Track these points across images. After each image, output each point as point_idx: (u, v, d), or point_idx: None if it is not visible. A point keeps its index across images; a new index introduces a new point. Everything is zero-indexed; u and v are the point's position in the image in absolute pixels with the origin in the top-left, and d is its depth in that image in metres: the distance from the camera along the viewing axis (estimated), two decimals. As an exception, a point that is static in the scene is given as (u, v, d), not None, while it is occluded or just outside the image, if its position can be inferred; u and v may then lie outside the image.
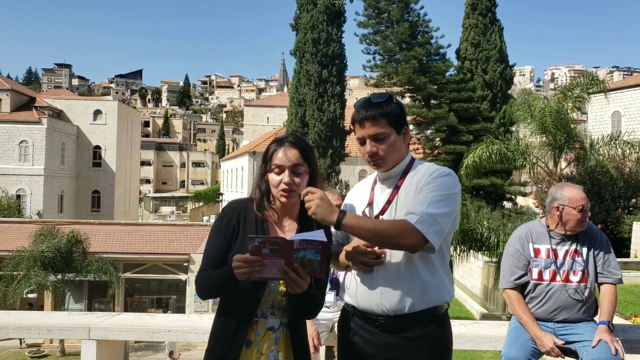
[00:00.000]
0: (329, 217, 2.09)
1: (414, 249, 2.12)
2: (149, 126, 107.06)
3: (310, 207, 2.09)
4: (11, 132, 42.38)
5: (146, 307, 23.66)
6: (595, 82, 18.89)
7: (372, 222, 2.16)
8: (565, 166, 18.91)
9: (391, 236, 2.09)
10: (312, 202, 2.08)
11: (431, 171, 2.25)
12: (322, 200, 2.09)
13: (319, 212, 2.08)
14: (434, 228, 2.10)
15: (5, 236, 22.96)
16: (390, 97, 2.28)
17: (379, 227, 2.11)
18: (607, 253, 3.24)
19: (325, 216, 2.08)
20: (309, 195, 2.10)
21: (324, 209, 2.08)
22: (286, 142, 2.22)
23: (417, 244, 2.10)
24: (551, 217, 3.30)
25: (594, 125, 35.10)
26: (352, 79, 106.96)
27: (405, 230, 2.09)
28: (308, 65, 31.43)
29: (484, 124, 29.68)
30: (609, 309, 3.13)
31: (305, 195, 2.11)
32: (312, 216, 2.09)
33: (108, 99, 70.28)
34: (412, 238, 2.08)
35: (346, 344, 2.36)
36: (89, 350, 3.70)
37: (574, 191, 3.25)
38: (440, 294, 2.24)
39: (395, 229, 2.10)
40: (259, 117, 72.61)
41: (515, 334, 3.22)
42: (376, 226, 2.11)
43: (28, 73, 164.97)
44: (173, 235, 24.44)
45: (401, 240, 2.09)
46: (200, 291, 2.20)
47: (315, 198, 2.09)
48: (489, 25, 31.92)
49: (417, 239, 2.08)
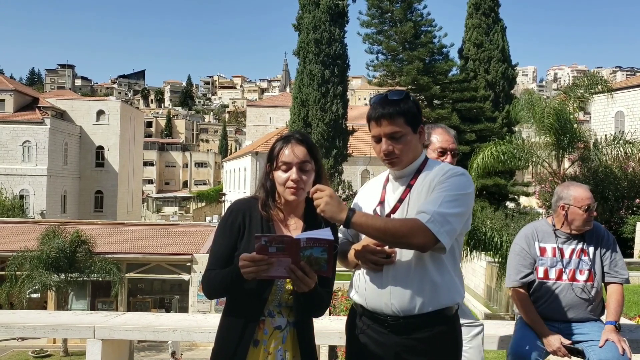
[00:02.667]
0: (338, 215, 2.06)
1: (424, 248, 2.09)
2: (152, 126, 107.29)
3: (319, 204, 2.06)
4: (14, 133, 42.49)
5: (149, 307, 23.69)
6: (598, 82, 18.87)
7: (381, 220, 2.13)
8: (569, 166, 18.87)
9: (401, 235, 2.06)
10: (322, 200, 2.06)
11: (444, 170, 2.22)
12: (332, 197, 2.06)
13: (328, 210, 2.05)
14: (446, 228, 2.06)
15: (8, 236, 23.02)
16: (407, 95, 2.25)
17: (389, 225, 2.08)
18: (614, 253, 3.23)
19: (335, 214, 2.06)
20: (318, 193, 2.08)
21: (333, 207, 2.06)
22: (293, 139, 2.21)
23: (427, 244, 2.06)
24: (557, 216, 3.30)
25: (597, 125, 35.02)
26: (354, 79, 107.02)
27: (416, 229, 2.05)
28: (311, 66, 31.44)
29: (487, 124, 29.69)
30: (616, 309, 3.11)
31: (314, 193, 2.09)
32: (321, 214, 2.07)
33: (111, 99, 70.38)
34: (422, 237, 2.05)
35: (354, 344, 2.33)
36: (94, 349, 3.69)
37: (579, 190, 3.24)
38: (451, 294, 2.20)
39: (405, 227, 2.07)
40: (261, 117, 72.66)
41: (522, 333, 3.20)
42: (386, 225, 2.08)
43: (31, 73, 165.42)
44: (176, 236, 24.48)
45: (411, 239, 2.06)
46: (207, 291, 2.19)
47: (325, 195, 2.06)
48: (492, 25, 31.90)
49: (427, 238, 2.05)
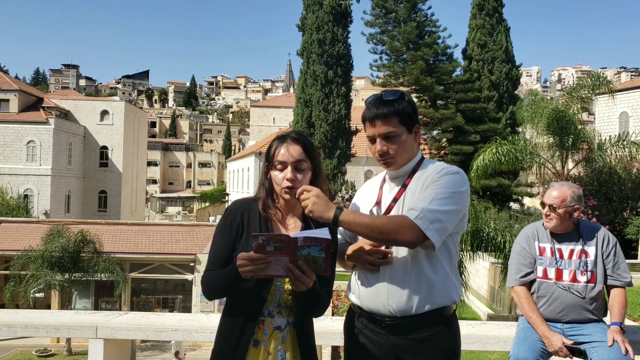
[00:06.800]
0: (325, 214, 2.06)
1: (412, 244, 2.09)
2: (156, 127, 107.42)
3: (306, 205, 2.06)
4: (19, 133, 42.60)
5: (152, 307, 23.71)
6: (602, 82, 18.81)
7: (369, 217, 2.12)
8: (573, 167, 18.82)
9: (388, 231, 2.05)
10: (309, 201, 2.06)
11: (439, 169, 2.21)
12: (318, 197, 2.06)
13: (316, 210, 2.05)
14: (435, 225, 2.05)
15: (13, 236, 23.06)
16: (402, 95, 2.23)
17: (376, 222, 2.07)
18: (617, 255, 3.21)
19: (322, 213, 2.05)
20: (305, 194, 2.07)
21: (321, 207, 2.05)
22: (288, 138, 2.20)
23: (415, 240, 2.05)
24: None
25: (602, 126, 34.91)
26: (358, 79, 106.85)
27: (403, 225, 2.04)
28: (314, 66, 31.43)
29: (491, 125, 29.63)
30: (620, 311, 3.10)
31: (301, 194, 2.08)
32: (309, 214, 2.07)
33: (115, 99, 70.49)
34: (409, 234, 2.04)
35: (352, 345, 2.33)
36: (97, 349, 3.70)
37: (551, 190, 3.30)
38: (448, 293, 2.19)
39: (392, 224, 2.06)
40: (265, 117, 72.71)
41: (524, 334, 3.20)
42: (373, 221, 2.07)
43: (36, 74, 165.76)
44: (179, 236, 24.48)
45: (398, 235, 2.05)
46: (206, 291, 2.19)
47: (311, 196, 2.06)
48: (496, 26, 31.83)
49: (415, 234, 2.04)
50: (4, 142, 42.42)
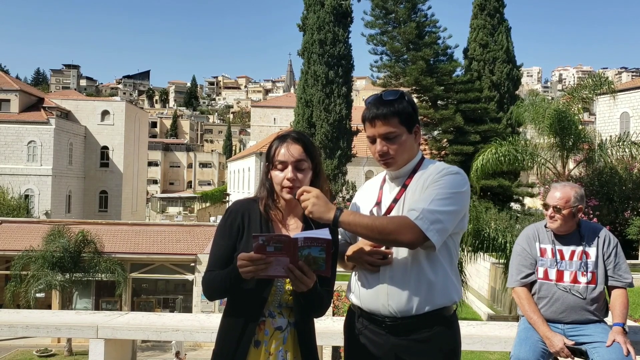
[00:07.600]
0: (325, 215, 2.05)
1: (412, 245, 2.08)
2: (157, 127, 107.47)
3: (306, 206, 2.06)
4: (20, 133, 42.62)
5: (153, 307, 23.71)
6: (603, 83, 18.80)
7: (369, 218, 2.12)
8: (573, 167, 18.81)
9: (388, 232, 2.05)
10: (308, 202, 2.05)
11: (439, 169, 2.21)
12: (318, 198, 2.05)
13: (316, 211, 2.05)
14: (436, 226, 2.05)
15: (14, 236, 23.07)
16: (402, 95, 2.22)
17: (376, 223, 2.07)
18: (617, 256, 3.21)
19: (322, 214, 2.05)
20: (305, 195, 2.07)
21: (321, 207, 2.05)
22: (289, 138, 2.20)
23: (415, 241, 2.05)
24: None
25: (603, 126, 34.91)
26: (358, 79, 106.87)
27: (403, 226, 2.04)
28: (315, 66, 31.43)
29: (492, 125, 29.60)
30: (622, 312, 3.10)
31: (301, 195, 2.08)
32: (309, 215, 2.06)
33: (116, 99, 70.54)
34: (409, 234, 2.04)
35: (352, 345, 2.32)
36: (97, 349, 3.70)
37: (553, 191, 3.29)
38: (448, 294, 2.19)
39: (392, 225, 2.06)
40: (265, 117, 72.66)
41: (525, 334, 3.20)
42: (373, 222, 2.07)
43: (36, 74, 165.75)
44: (180, 236, 24.48)
45: (398, 236, 2.05)
46: (207, 292, 2.18)
47: (311, 197, 2.05)
48: (497, 26, 31.80)
49: (415, 235, 2.04)
50: (4, 142, 42.44)
